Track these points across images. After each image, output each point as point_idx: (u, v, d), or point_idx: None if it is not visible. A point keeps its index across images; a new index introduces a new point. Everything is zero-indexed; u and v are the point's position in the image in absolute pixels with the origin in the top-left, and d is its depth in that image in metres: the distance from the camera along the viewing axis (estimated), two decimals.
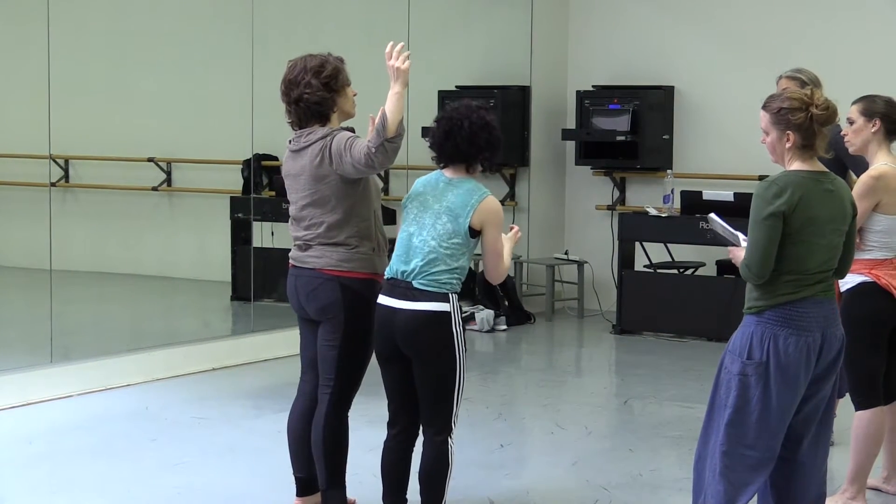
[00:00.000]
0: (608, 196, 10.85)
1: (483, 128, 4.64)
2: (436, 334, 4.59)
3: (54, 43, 7.82)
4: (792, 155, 4.26)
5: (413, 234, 4.66)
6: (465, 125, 4.63)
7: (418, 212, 4.68)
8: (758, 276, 4.19)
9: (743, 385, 4.23)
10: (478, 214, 4.61)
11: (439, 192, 4.67)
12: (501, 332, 9.90)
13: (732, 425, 4.25)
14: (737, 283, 9.27)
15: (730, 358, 4.28)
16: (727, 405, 4.27)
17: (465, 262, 4.66)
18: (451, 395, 4.64)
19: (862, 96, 5.31)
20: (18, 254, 11.08)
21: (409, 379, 4.69)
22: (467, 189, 4.65)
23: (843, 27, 9.87)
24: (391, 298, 4.64)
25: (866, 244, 5.16)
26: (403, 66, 4.58)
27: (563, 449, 6.41)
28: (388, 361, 4.71)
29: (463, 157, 4.67)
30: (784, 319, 4.19)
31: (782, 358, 4.18)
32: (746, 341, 4.23)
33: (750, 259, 4.20)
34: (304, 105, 4.79)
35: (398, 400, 4.76)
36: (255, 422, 6.94)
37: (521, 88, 10.81)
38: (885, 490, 5.55)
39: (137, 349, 8.10)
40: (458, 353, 4.61)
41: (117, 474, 5.83)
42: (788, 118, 4.21)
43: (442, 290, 4.59)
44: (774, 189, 4.17)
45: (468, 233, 4.61)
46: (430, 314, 4.58)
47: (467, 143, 4.64)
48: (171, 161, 11.52)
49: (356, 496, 5.20)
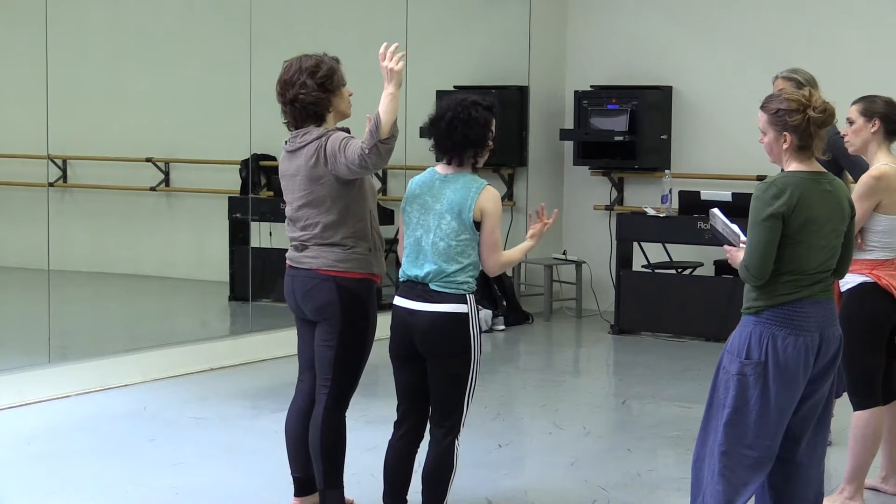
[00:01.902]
0: (606, 196, 10.85)
1: (466, 122, 4.61)
2: (454, 335, 4.60)
3: (52, 43, 7.82)
4: (789, 156, 4.26)
5: (421, 238, 4.66)
6: (447, 117, 4.62)
7: (420, 215, 4.68)
8: (757, 278, 4.19)
9: (741, 385, 4.23)
10: (478, 206, 4.60)
11: (436, 191, 4.66)
12: (500, 332, 9.90)
13: (731, 425, 4.25)
14: (735, 284, 9.27)
15: (728, 358, 4.28)
16: (725, 405, 4.27)
17: (475, 256, 4.65)
18: (464, 395, 4.65)
19: (861, 97, 5.31)
20: (16, 254, 11.07)
21: (422, 379, 4.69)
22: (464, 183, 4.63)
23: (841, 27, 9.87)
24: (408, 300, 4.65)
25: (867, 244, 5.16)
26: (397, 66, 4.57)
27: (561, 449, 6.41)
28: (404, 362, 4.72)
29: (458, 151, 4.64)
30: (783, 319, 4.19)
31: (781, 358, 4.18)
32: (745, 341, 4.23)
33: (749, 260, 4.20)
34: (300, 105, 4.79)
35: (409, 400, 4.77)
36: (253, 422, 6.94)
37: (520, 88, 10.81)
38: (884, 490, 5.55)
39: (135, 349, 8.10)
40: (473, 353, 4.63)
41: (115, 474, 5.82)
42: (786, 119, 4.21)
43: (459, 290, 4.61)
44: (773, 190, 4.17)
45: (473, 227, 4.61)
46: (449, 315, 4.60)
47: (462, 138, 4.61)
48: (169, 161, 11.52)
49: (354, 496, 5.20)
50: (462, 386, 4.64)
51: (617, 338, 9.67)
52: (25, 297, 10.17)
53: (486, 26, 11.27)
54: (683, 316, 9.53)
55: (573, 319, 10.52)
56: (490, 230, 4.63)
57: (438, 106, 4.72)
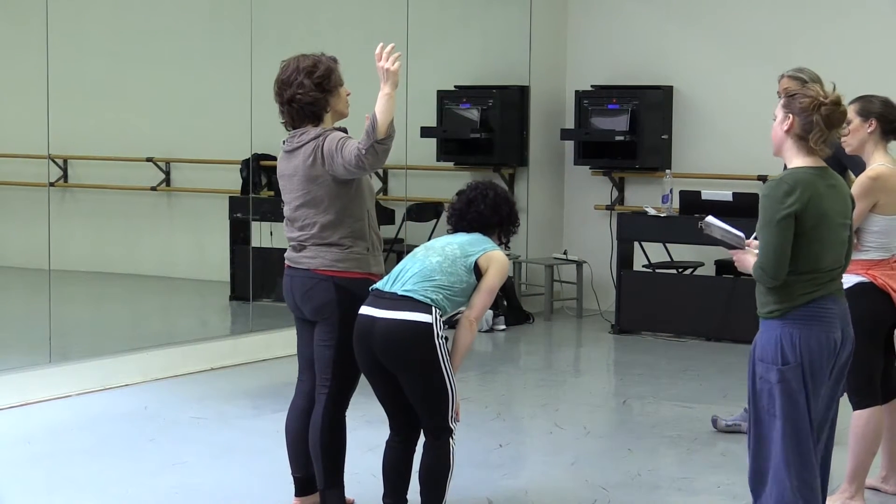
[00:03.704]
0: (607, 196, 10.85)
1: (506, 201, 4.88)
2: (414, 344, 4.55)
3: (53, 43, 7.82)
4: (791, 146, 4.23)
5: (417, 254, 4.75)
6: (489, 195, 4.85)
7: (430, 244, 4.82)
8: (774, 279, 4.13)
9: (786, 392, 4.16)
10: (486, 258, 4.71)
11: (455, 236, 4.84)
12: (500, 331, 9.90)
13: (789, 436, 4.16)
14: (735, 283, 9.28)
15: (763, 367, 4.20)
16: (776, 416, 4.19)
17: (458, 291, 4.65)
18: (444, 404, 4.62)
19: (859, 96, 5.30)
20: (17, 254, 11.08)
21: (396, 388, 4.67)
22: (483, 239, 4.81)
23: (841, 27, 9.87)
24: (372, 308, 4.63)
25: (863, 245, 5.16)
26: (393, 67, 4.56)
27: (561, 449, 6.41)
28: (370, 374, 4.70)
29: (485, 223, 4.83)
30: (809, 317, 4.16)
31: (815, 355, 4.15)
32: (776, 346, 4.17)
33: (765, 262, 4.14)
34: (297, 105, 4.79)
35: (390, 408, 4.77)
36: (253, 422, 6.94)
37: (520, 88, 10.81)
38: (884, 490, 5.55)
39: (136, 349, 8.09)
40: (443, 364, 4.58)
41: (116, 474, 5.82)
42: (796, 103, 4.20)
43: (426, 299, 4.58)
44: (784, 187, 4.13)
45: (473, 267, 4.67)
46: (410, 324, 4.54)
47: (491, 210, 4.83)
48: (169, 161, 11.52)
49: (355, 496, 5.20)
50: (438, 390, 4.59)
51: (617, 337, 9.66)
52: (26, 296, 10.18)
53: (487, 26, 11.28)
54: (684, 316, 9.53)
55: (574, 319, 10.52)
56: (491, 280, 4.70)
57: (469, 188, 4.95)
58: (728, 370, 8.20)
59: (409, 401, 4.67)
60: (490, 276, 4.70)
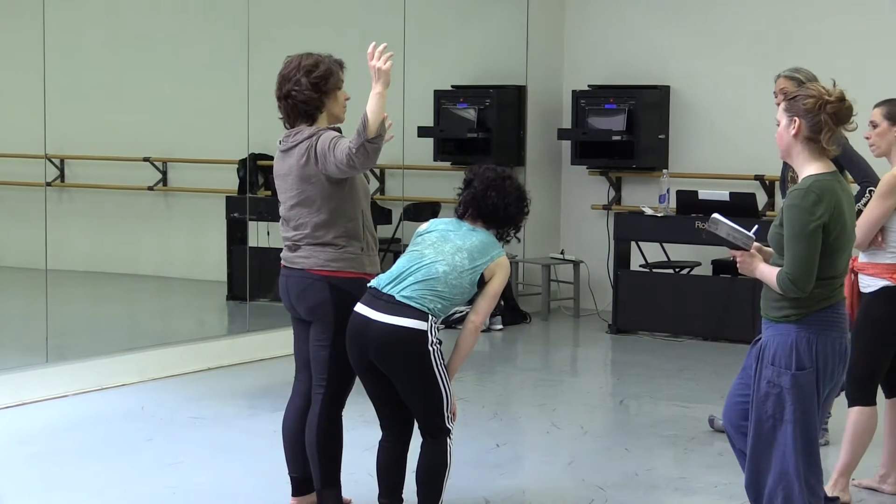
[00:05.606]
0: (604, 196, 10.85)
1: (523, 199, 4.91)
2: (409, 351, 4.54)
3: (50, 42, 7.81)
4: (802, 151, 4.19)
5: (425, 256, 4.67)
6: (510, 190, 4.85)
7: (438, 241, 4.73)
8: (803, 291, 4.08)
9: (798, 396, 4.13)
10: (492, 267, 4.70)
11: (463, 234, 4.76)
12: (497, 331, 9.90)
13: (800, 441, 4.14)
14: (732, 283, 9.29)
15: (775, 371, 4.16)
16: (788, 420, 4.15)
17: (458, 300, 4.67)
18: (439, 406, 4.62)
19: (885, 100, 5.38)
20: (14, 253, 11.07)
21: (390, 389, 4.67)
22: (490, 242, 4.77)
23: (838, 27, 9.86)
24: (368, 308, 4.61)
25: (889, 245, 5.18)
26: (385, 66, 4.56)
27: (558, 448, 6.41)
28: (363, 373, 4.69)
29: (499, 218, 4.83)
30: (825, 323, 4.15)
31: (830, 361, 4.14)
32: (791, 351, 4.14)
33: (796, 274, 4.06)
34: (292, 102, 4.80)
35: (383, 409, 4.77)
36: (250, 421, 6.94)
37: (517, 88, 10.81)
38: (882, 489, 5.56)
39: (133, 349, 8.09)
40: (436, 368, 4.57)
41: (113, 474, 5.82)
42: (800, 104, 4.16)
43: (423, 307, 4.57)
44: (812, 197, 4.08)
45: (478, 278, 4.68)
46: (405, 331, 4.53)
47: (515, 208, 4.87)
48: (166, 161, 11.51)
49: (352, 496, 5.20)
50: (432, 394, 4.59)
51: (614, 337, 9.67)
52: (23, 296, 10.16)
53: (484, 26, 11.27)
54: (681, 315, 9.53)
55: (571, 319, 10.52)
56: (497, 286, 4.71)
57: (487, 175, 4.89)
58: (725, 370, 8.19)
59: (403, 401, 4.67)
60: (495, 282, 4.72)
